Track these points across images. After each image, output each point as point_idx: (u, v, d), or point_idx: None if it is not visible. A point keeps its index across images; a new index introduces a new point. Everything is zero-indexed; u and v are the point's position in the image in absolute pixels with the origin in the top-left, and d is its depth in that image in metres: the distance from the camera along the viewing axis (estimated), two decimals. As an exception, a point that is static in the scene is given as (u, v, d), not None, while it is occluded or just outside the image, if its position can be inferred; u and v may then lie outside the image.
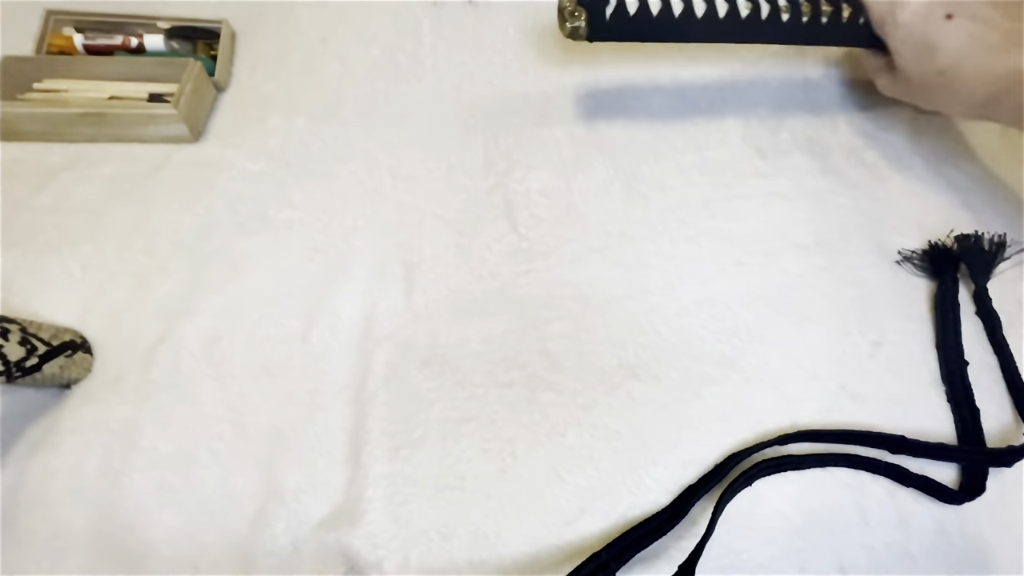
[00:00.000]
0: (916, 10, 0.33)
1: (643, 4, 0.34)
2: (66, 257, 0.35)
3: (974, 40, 0.32)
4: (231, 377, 0.33)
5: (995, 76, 0.32)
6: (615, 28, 0.34)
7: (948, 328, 0.36)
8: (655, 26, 0.34)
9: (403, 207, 0.38)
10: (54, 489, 0.30)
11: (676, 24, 0.34)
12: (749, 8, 0.35)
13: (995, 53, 0.32)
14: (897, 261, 0.38)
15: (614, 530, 0.31)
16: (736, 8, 0.35)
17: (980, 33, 0.32)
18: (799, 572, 0.31)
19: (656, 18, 0.34)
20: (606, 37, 0.34)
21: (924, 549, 0.31)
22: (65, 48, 0.40)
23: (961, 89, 0.33)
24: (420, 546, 0.30)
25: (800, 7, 0.35)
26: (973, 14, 0.33)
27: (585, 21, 0.33)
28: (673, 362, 0.34)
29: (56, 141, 0.39)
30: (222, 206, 0.37)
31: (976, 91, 0.33)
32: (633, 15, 0.34)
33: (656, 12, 0.34)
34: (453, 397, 0.33)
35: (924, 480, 0.32)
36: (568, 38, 0.34)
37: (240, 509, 0.31)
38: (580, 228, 0.38)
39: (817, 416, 0.34)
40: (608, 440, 0.33)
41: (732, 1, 0.35)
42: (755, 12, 0.35)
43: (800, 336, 0.36)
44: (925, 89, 0.35)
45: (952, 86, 0.33)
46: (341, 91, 0.41)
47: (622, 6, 0.34)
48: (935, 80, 0.34)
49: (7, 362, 0.27)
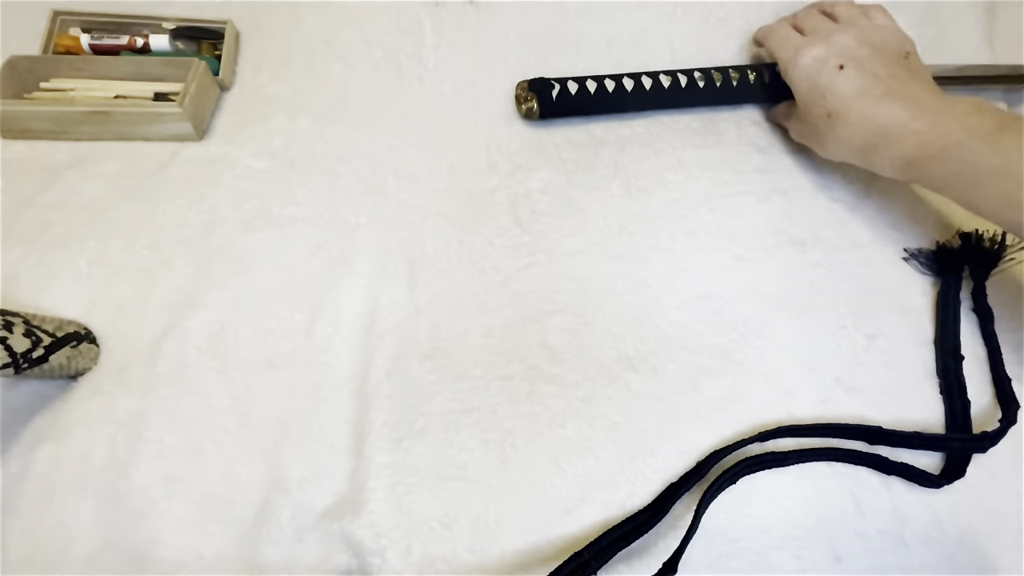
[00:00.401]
0: (816, 56, 0.37)
1: (582, 86, 0.40)
2: (72, 253, 0.36)
3: (859, 90, 0.35)
4: (236, 370, 0.34)
5: (873, 125, 0.34)
6: (561, 107, 0.41)
7: (948, 324, 0.36)
8: (594, 103, 0.41)
9: (406, 205, 0.39)
10: (61, 480, 0.31)
11: (612, 100, 0.41)
12: (670, 81, 0.41)
13: (875, 104, 0.34)
14: (904, 258, 0.38)
15: (613, 519, 0.31)
16: (660, 83, 0.41)
17: (866, 84, 0.35)
18: (794, 560, 0.31)
19: (594, 96, 0.40)
20: (555, 114, 0.41)
21: (918, 537, 0.32)
22: (72, 48, 0.41)
23: (844, 134, 0.36)
24: (422, 535, 0.31)
25: (712, 77, 0.41)
26: (861, 67, 0.36)
27: (536, 103, 0.40)
28: (671, 355, 0.35)
29: (62, 139, 0.39)
30: (226, 203, 0.38)
31: (855, 137, 0.35)
32: (574, 95, 0.40)
33: (593, 92, 0.40)
34: (455, 389, 0.34)
35: (904, 467, 0.33)
36: (524, 118, 0.41)
37: (245, 499, 0.31)
38: (581, 222, 0.38)
39: (812, 408, 0.34)
40: (607, 431, 0.33)
41: (656, 78, 0.41)
42: (675, 84, 0.41)
43: (796, 330, 0.36)
44: (816, 132, 0.38)
45: (836, 130, 0.36)
46: (344, 91, 0.42)
47: (565, 90, 0.40)
48: (824, 123, 0.36)
49: (13, 354, 0.28)
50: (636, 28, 0.44)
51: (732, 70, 0.41)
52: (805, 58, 0.37)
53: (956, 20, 0.48)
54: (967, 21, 0.48)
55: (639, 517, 0.31)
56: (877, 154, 0.35)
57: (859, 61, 0.36)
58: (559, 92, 0.40)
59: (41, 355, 0.29)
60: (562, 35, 0.44)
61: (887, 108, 0.34)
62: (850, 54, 0.36)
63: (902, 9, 0.47)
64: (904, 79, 0.35)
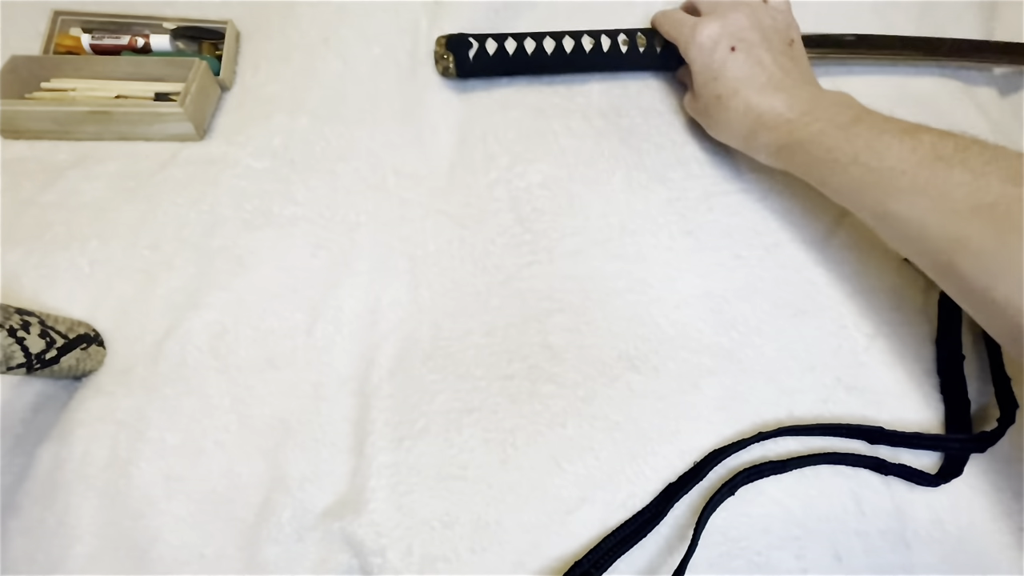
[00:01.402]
0: (710, 34, 0.37)
1: (500, 46, 0.40)
2: (74, 253, 0.36)
3: (747, 76, 0.36)
4: (237, 370, 0.34)
5: (755, 113, 0.36)
6: (479, 67, 0.40)
7: (948, 324, 0.36)
8: (514, 63, 0.41)
9: (406, 203, 0.39)
10: (63, 479, 0.31)
11: (531, 60, 0.41)
12: (592, 44, 0.41)
13: (758, 94, 0.36)
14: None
15: (614, 519, 0.31)
16: (581, 45, 0.41)
17: (752, 73, 0.36)
18: (795, 560, 0.31)
19: (513, 57, 0.40)
20: (472, 74, 0.41)
21: (919, 536, 0.32)
22: (72, 48, 0.41)
23: (730, 119, 0.37)
24: (423, 534, 0.31)
25: (636, 40, 0.42)
26: (749, 52, 0.37)
27: (452, 62, 0.40)
28: (672, 354, 0.35)
29: (63, 139, 0.39)
30: (227, 203, 0.38)
31: (739, 123, 0.37)
32: (492, 55, 0.40)
33: (512, 52, 0.40)
34: (456, 389, 0.34)
35: (901, 467, 0.33)
36: (442, 76, 0.41)
37: (246, 498, 0.31)
38: (582, 220, 0.38)
39: (812, 407, 0.34)
40: (608, 431, 0.33)
41: (578, 39, 0.41)
42: (597, 47, 0.41)
43: (797, 329, 0.36)
44: (707, 112, 0.39)
45: (724, 115, 0.37)
46: (343, 89, 0.42)
47: (483, 49, 0.40)
48: (713, 104, 0.38)
49: (29, 354, 0.28)
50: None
51: (641, 35, 0.42)
52: (701, 36, 0.37)
53: (954, 20, 0.48)
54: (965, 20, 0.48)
55: (638, 519, 0.31)
56: (756, 140, 0.36)
57: (749, 45, 0.37)
58: (477, 51, 0.40)
59: (54, 356, 0.29)
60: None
61: (767, 98, 0.35)
62: (742, 35, 0.37)
63: (900, 8, 0.48)
64: (787, 69, 0.37)
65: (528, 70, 0.42)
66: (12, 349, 0.27)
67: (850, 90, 0.36)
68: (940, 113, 0.45)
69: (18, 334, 0.27)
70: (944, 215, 0.28)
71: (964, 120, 0.44)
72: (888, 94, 0.44)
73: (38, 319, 0.29)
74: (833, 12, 0.47)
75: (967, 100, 0.46)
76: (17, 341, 0.27)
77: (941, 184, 0.28)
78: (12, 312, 0.28)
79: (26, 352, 0.27)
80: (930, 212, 0.29)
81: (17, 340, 0.27)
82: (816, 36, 0.42)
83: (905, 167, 0.30)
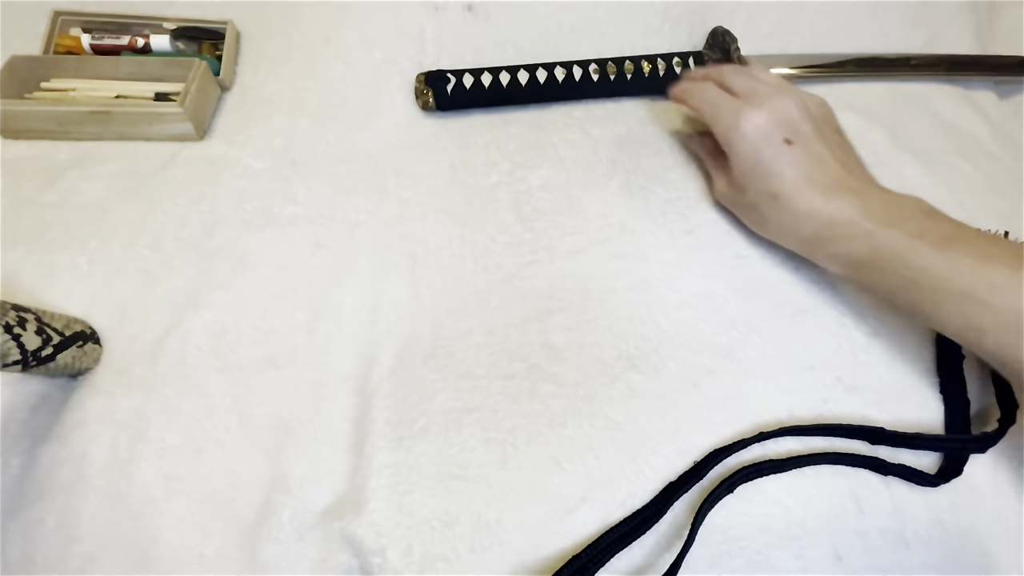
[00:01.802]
0: (759, 125, 0.33)
1: (477, 80, 0.41)
2: (73, 253, 0.36)
3: (808, 175, 0.33)
4: (237, 369, 0.34)
5: (824, 218, 0.32)
6: (457, 100, 0.42)
7: None
8: (491, 96, 0.42)
9: (406, 202, 0.39)
10: (61, 479, 0.31)
11: (507, 93, 0.42)
12: (564, 74, 0.42)
13: (824, 195, 0.32)
14: None
15: (614, 519, 0.31)
16: (554, 76, 0.42)
17: (813, 170, 0.33)
18: (795, 559, 0.31)
19: (488, 90, 0.41)
20: (452, 107, 0.42)
21: (919, 536, 0.32)
22: (73, 48, 0.41)
23: (791, 221, 0.34)
24: (423, 534, 0.31)
25: (607, 69, 0.42)
26: (808, 147, 0.33)
27: (432, 97, 0.41)
28: (672, 353, 0.35)
29: (63, 139, 0.39)
30: (227, 203, 0.38)
31: (802, 227, 0.33)
32: (469, 88, 0.41)
33: (488, 85, 0.41)
34: (456, 388, 0.34)
35: (900, 468, 0.33)
36: (423, 110, 0.42)
37: (246, 498, 0.31)
38: (582, 219, 0.38)
39: (813, 407, 0.34)
40: (608, 430, 0.33)
41: (551, 70, 0.42)
42: (569, 77, 0.42)
43: (797, 328, 0.36)
44: (756, 210, 0.36)
45: (782, 216, 0.34)
46: (344, 92, 0.42)
47: (460, 84, 0.41)
48: (767, 203, 0.34)
49: (24, 351, 0.27)
50: (624, 43, 0.45)
51: (629, 61, 0.42)
52: (748, 125, 0.34)
53: (949, 21, 0.48)
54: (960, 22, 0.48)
55: (636, 518, 0.31)
56: (825, 248, 0.33)
57: (805, 138, 0.33)
58: (455, 85, 0.41)
59: (49, 354, 0.29)
60: (556, 47, 0.44)
61: (836, 202, 0.32)
62: (794, 126, 0.34)
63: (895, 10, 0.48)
64: (850, 167, 0.34)
65: (505, 102, 0.43)
66: (8, 346, 0.27)
67: (846, 94, 0.36)
68: (937, 114, 0.45)
69: (14, 331, 0.27)
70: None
71: (963, 120, 0.45)
72: (884, 96, 0.45)
73: (34, 316, 0.29)
74: (828, 14, 0.47)
75: (964, 102, 0.46)
76: (13, 338, 0.27)
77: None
78: (8, 308, 0.28)
79: (22, 349, 0.27)
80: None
81: (13, 337, 0.27)
82: (812, 56, 0.42)
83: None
